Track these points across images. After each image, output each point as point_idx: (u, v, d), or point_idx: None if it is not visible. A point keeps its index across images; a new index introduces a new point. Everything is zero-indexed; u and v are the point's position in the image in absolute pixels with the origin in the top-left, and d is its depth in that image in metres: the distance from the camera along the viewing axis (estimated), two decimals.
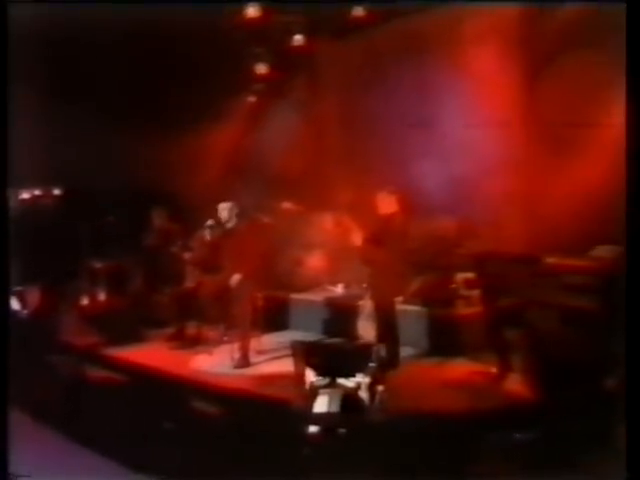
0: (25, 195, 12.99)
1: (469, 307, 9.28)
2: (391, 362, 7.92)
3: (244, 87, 13.62)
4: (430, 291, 9.57)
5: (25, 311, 10.14)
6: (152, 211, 10.76)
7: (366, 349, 6.50)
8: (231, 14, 10.52)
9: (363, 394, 5.98)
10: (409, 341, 8.97)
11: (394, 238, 8.30)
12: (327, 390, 5.92)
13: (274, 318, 10.49)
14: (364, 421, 5.94)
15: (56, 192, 13.49)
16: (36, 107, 10.24)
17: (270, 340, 9.92)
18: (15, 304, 10.00)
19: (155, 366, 8.73)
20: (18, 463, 5.91)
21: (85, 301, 11.31)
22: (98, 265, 11.83)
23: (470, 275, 9.27)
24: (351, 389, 5.97)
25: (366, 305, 9.29)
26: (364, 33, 11.89)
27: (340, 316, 10.17)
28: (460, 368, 8.39)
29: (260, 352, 9.39)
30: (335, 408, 5.84)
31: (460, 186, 10.21)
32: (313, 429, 5.73)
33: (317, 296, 11.01)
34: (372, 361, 6.17)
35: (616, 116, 7.23)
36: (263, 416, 6.44)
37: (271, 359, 9.17)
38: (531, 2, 9.97)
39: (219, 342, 9.74)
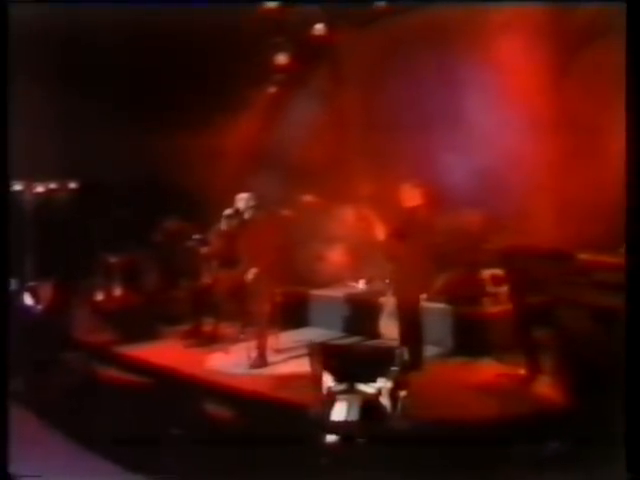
0: (39, 189, 12.90)
1: (496, 305, 9.10)
2: (414, 363, 7.70)
3: (264, 78, 13.49)
4: (455, 288, 9.40)
5: (38, 307, 10.04)
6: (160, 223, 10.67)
7: (388, 352, 6.28)
8: (250, 5, 10.43)
9: (384, 400, 5.82)
10: (433, 340, 8.84)
11: (418, 233, 8.16)
12: (345, 396, 5.74)
13: (293, 315, 10.37)
14: (385, 430, 5.77)
15: (70, 186, 13.40)
16: (48, 103, 10.29)
17: (288, 338, 9.80)
18: (28, 300, 9.96)
19: (169, 365, 8.63)
20: (20, 464, 5.89)
21: (99, 297, 11.20)
22: (113, 260, 11.72)
23: (497, 271, 9.12)
24: (371, 395, 5.80)
25: (389, 302, 9.18)
26: (387, 22, 11.74)
27: (361, 313, 10.06)
28: (486, 369, 8.24)
29: (278, 351, 9.26)
30: (354, 416, 5.69)
31: (486, 179, 10.01)
32: (331, 438, 5.51)
33: (338, 292, 10.86)
34: (394, 365, 5.97)
35: None
36: (279, 421, 6.29)
37: (289, 358, 9.04)
38: (535, 1, 9.78)
39: (236, 340, 9.60)
